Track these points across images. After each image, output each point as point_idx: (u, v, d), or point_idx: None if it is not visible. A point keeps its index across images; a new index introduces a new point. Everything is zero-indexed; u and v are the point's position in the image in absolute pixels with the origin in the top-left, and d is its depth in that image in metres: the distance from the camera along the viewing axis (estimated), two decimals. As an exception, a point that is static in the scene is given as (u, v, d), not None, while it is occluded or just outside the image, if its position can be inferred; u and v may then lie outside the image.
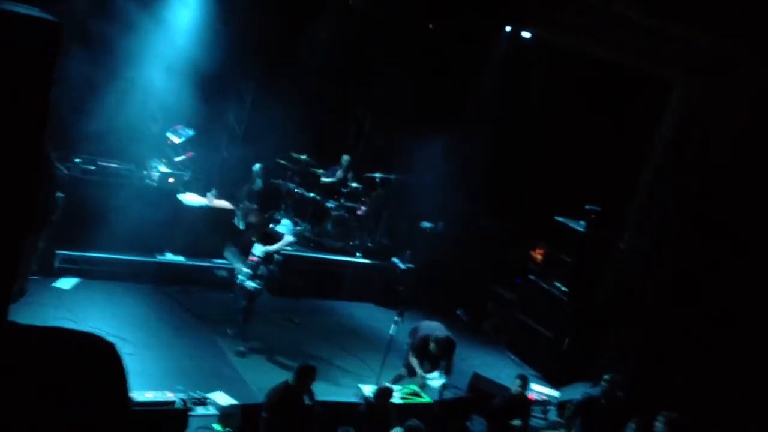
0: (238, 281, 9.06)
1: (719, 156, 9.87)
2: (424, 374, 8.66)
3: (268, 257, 8.92)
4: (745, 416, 9.00)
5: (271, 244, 9.02)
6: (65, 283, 9.07)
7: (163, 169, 10.48)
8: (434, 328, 8.93)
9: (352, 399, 8.11)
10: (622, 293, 10.88)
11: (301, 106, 12.12)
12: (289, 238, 9.23)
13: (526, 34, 12.47)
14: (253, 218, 9.54)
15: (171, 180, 10.44)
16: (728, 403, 9.12)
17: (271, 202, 11.72)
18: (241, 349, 8.74)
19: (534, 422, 8.73)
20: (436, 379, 8.54)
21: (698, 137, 10.25)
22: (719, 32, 9.25)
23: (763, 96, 9.41)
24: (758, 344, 9.19)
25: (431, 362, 8.72)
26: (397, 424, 7.11)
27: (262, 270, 8.87)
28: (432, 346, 8.66)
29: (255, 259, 8.89)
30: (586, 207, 11.10)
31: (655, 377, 9.86)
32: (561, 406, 9.22)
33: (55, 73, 3.72)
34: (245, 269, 9.00)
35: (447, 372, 8.78)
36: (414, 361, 8.74)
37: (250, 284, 8.81)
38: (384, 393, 7.48)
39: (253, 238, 9.27)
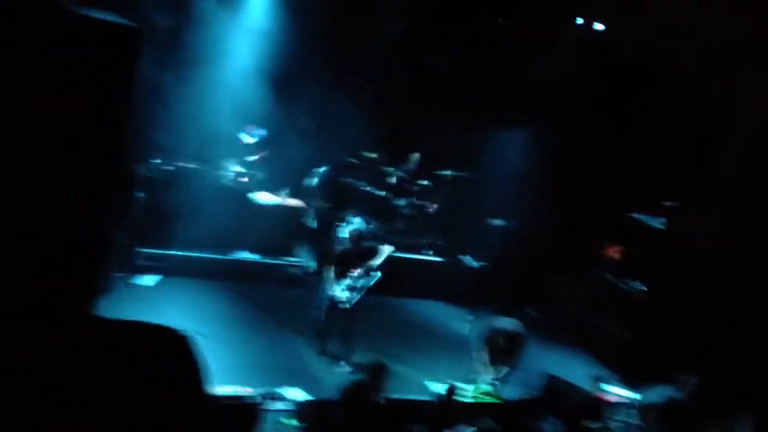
0: (329, 294, 8.69)
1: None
2: (488, 371, 8.62)
3: (367, 270, 8.75)
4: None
5: (371, 258, 8.80)
6: (146, 280, 9.38)
7: (237, 168, 10.70)
8: (504, 322, 8.85)
9: (421, 396, 8.10)
10: (702, 292, 10.49)
11: (371, 104, 12.16)
12: (387, 248, 9.03)
13: (598, 26, 12.15)
14: (351, 242, 9.06)
15: (244, 179, 10.66)
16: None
17: (339, 201, 11.78)
18: (329, 350, 8.72)
19: (613, 426, 8.50)
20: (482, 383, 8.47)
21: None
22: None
23: None
24: None
25: (501, 356, 8.67)
26: (468, 423, 7.06)
27: (362, 282, 8.70)
28: (501, 340, 8.61)
29: (356, 272, 8.68)
30: (665, 203, 10.76)
31: (734, 378, 9.48)
32: (643, 409, 8.95)
33: (135, 78, 3.86)
34: (345, 281, 8.67)
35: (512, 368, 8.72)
36: (482, 356, 8.69)
37: (342, 295, 8.62)
38: (452, 391, 7.46)
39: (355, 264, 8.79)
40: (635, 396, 9.49)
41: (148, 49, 8.84)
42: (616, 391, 9.51)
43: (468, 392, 7.98)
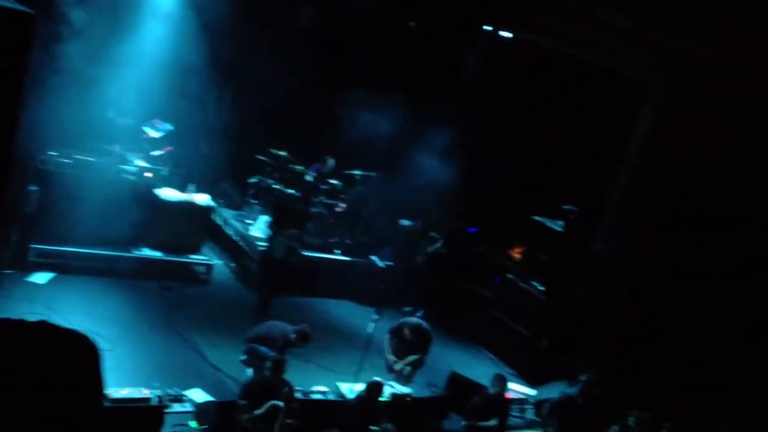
0: None
1: (695, 157, 9.98)
2: (391, 359, 9.06)
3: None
4: (714, 418, 9.10)
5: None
6: (40, 277, 8.95)
7: (141, 163, 10.36)
8: (410, 318, 9.27)
9: (330, 397, 8.10)
10: (598, 293, 10.97)
11: (280, 101, 12.04)
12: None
13: (505, 34, 12.51)
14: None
15: (148, 174, 10.33)
16: (698, 404, 9.23)
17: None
18: None
19: (511, 421, 8.77)
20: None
21: (674, 138, 10.36)
22: (700, 38, 9.37)
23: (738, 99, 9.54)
24: (732, 346, 9.29)
25: (406, 349, 9.09)
26: (386, 420, 7.18)
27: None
28: (407, 331, 9.03)
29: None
30: (564, 207, 11.17)
31: (627, 377, 9.95)
32: (538, 405, 9.28)
33: (29, 65, 3.67)
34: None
35: (417, 365, 9.05)
36: (386, 342, 9.12)
37: None
38: (375, 387, 7.50)
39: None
40: (533, 392, 9.84)
41: (50, 37, 8.44)
42: (517, 388, 9.84)
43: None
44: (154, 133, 10.90)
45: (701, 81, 9.92)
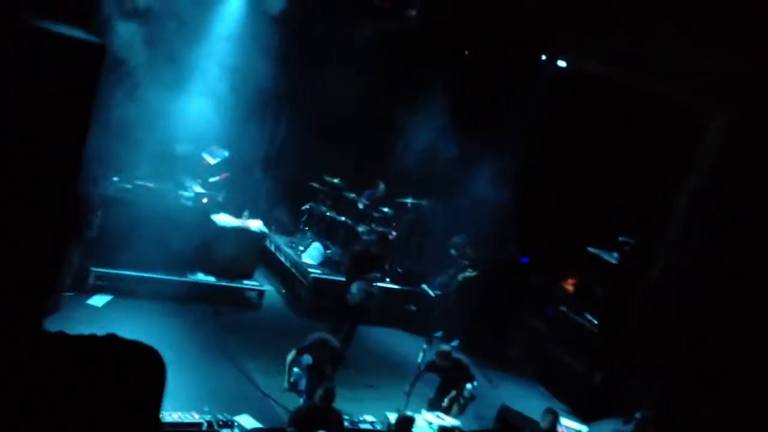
0: None
1: (758, 188, 9.69)
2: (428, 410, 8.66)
3: None
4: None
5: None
6: (98, 300, 9.16)
7: (198, 189, 10.58)
8: (442, 347, 9.07)
9: (378, 427, 8.04)
10: (654, 326, 10.67)
11: (333, 127, 12.18)
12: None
13: (561, 63, 12.44)
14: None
15: (205, 200, 10.54)
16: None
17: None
18: None
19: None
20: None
21: (736, 169, 10.09)
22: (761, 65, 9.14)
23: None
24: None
25: (445, 380, 8.82)
26: None
27: None
28: (437, 360, 8.74)
29: None
30: (620, 239, 10.97)
31: (685, 414, 9.63)
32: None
33: (98, 93, 3.81)
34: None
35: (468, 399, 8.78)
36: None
37: None
38: (405, 422, 7.42)
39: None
40: (585, 429, 9.57)
41: (112, 66, 8.74)
42: (568, 424, 9.58)
43: (425, 424, 7.97)
44: (211, 160, 11.14)
45: (765, 109, 9.66)
